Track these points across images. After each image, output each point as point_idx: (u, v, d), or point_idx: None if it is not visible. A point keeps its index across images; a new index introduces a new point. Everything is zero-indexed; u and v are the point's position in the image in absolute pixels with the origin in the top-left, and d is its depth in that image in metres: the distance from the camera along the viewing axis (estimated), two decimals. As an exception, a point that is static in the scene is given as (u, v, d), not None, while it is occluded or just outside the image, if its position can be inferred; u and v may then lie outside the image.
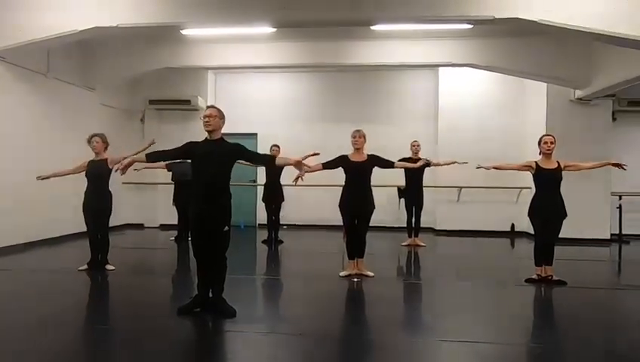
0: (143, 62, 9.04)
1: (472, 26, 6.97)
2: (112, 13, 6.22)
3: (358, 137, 5.74)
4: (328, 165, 5.70)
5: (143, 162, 4.46)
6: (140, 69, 9.20)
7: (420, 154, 8.18)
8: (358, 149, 5.76)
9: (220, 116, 4.21)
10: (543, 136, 5.65)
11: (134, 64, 9.10)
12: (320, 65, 9.47)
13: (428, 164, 7.51)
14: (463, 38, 8.19)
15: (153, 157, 4.43)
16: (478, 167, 6.04)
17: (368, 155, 5.79)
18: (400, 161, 8.15)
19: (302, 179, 5.03)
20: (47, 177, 5.99)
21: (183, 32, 7.39)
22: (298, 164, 4.34)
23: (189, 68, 9.52)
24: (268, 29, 7.17)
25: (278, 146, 8.23)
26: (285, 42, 8.54)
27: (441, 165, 8.34)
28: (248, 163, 4.72)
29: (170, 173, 8.43)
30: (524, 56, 8.26)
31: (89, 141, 6.00)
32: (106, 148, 6.03)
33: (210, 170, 4.13)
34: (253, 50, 8.65)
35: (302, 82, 11.06)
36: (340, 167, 5.76)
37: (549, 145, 5.53)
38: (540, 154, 5.62)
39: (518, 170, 5.86)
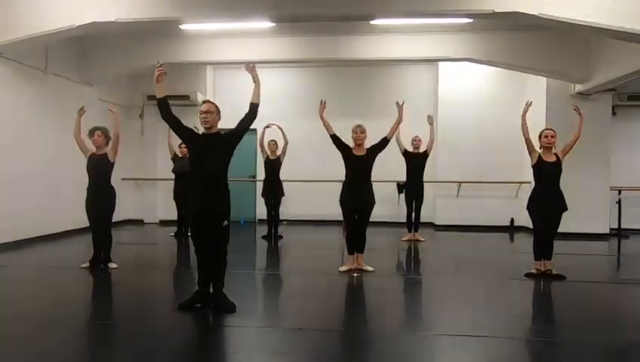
0: (141, 58, 8.99)
1: (471, 20, 6.95)
2: (110, 8, 6.18)
3: (360, 132, 5.72)
4: (336, 138, 5.72)
5: (160, 95, 4.38)
6: (138, 65, 9.15)
7: (421, 149, 8.26)
8: (359, 145, 5.75)
9: (217, 111, 4.24)
10: (544, 130, 5.66)
11: (133, 59, 9.05)
12: (319, 60, 9.43)
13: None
14: (463, 33, 8.16)
15: (166, 103, 4.39)
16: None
17: (367, 149, 5.78)
18: (403, 154, 8.24)
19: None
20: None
21: (182, 26, 7.35)
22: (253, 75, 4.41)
23: (188, 63, 9.47)
24: (267, 24, 7.14)
25: (276, 142, 8.45)
26: (284, 37, 8.51)
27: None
28: (242, 131, 4.33)
29: (173, 165, 8.46)
30: (524, 51, 8.24)
31: (91, 133, 5.84)
32: (107, 142, 5.89)
33: (206, 165, 4.13)
34: (253, 45, 8.62)
35: (301, 77, 11.03)
36: (341, 155, 5.76)
37: (549, 138, 5.56)
38: (540, 148, 5.63)
39: (528, 141, 5.55)
